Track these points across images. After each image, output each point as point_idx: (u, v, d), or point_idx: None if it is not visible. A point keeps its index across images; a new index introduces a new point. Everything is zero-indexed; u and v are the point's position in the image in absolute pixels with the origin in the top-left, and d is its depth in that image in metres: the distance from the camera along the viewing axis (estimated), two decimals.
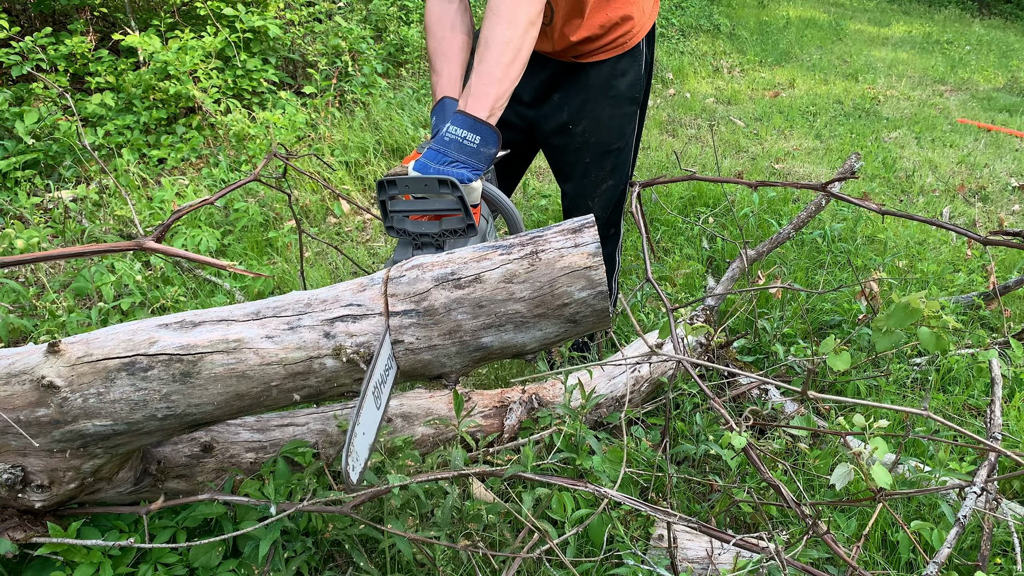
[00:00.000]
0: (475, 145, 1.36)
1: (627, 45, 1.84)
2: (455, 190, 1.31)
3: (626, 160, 2.01)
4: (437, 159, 1.35)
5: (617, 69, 1.86)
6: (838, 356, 1.21)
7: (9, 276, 2.59)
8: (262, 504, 1.45)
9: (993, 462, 1.73)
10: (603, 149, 1.93)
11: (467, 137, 1.36)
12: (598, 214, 2.04)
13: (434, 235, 1.37)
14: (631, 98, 1.91)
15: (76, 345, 1.23)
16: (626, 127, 1.95)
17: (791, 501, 1.28)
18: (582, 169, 1.97)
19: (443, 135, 1.36)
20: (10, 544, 1.33)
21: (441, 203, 1.34)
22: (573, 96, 1.86)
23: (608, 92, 1.86)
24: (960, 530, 1.57)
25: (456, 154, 1.35)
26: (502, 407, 1.94)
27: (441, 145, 1.36)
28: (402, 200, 1.35)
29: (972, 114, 5.97)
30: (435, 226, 1.37)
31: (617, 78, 1.86)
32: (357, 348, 1.17)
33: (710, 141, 4.81)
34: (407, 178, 1.32)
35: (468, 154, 1.36)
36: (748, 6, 9.50)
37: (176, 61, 3.70)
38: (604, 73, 1.84)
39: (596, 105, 1.87)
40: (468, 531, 1.62)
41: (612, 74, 1.85)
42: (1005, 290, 2.57)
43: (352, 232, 3.33)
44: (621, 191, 2.07)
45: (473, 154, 1.36)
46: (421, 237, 1.37)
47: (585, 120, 1.88)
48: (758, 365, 2.38)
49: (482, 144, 1.36)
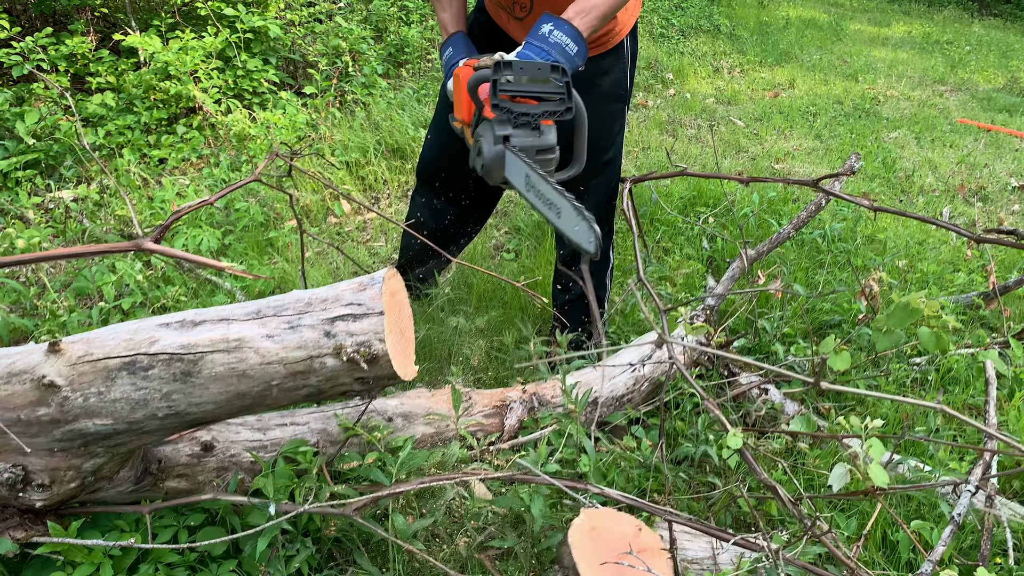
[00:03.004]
0: (572, 53, 1.51)
1: (610, 44, 1.84)
2: (564, 76, 1.43)
3: (614, 157, 2.01)
4: (540, 55, 1.48)
5: (600, 67, 1.86)
6: (838, 356, 1.21)
7: (10, 276, 2.59)
8: (263, 504, 1.45)
9: (989, 461, 1.73)
10: (590, 148, 1.93)
11: (569, 45, 1.50)
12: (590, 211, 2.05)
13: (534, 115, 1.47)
14: (616, 95, 1.91)
15: (77, 344, 1.23)
16: (612, 124, 1.95)
17: (787, 502, 1.28)
18: None
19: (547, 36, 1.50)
20: (11, 543, 1.33)
21: (548, 88, 1.45)
22: None
23: (593, 91, 1.86)
24: (955, 528, 1.57)
25: (558, 56, 1.49)
26: (502, 406, 1.94)
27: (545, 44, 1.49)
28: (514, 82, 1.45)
29: (972, 114, 5.97)
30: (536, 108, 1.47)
31: (601, 76, 1.86)
32: (357, 347, 1.17)
33: (710, 141, 4.81)
34: (521, 62, 1.43)
35: (566, 58, 1.50)
36: (748, 6, 9.50)
37: (177, 61, 3.71)
38: (587, 72, 1.84)
39: None
40: (467, 529, 1.62)
41: (596, 72, 1.85)
42: (1005, 290, 2.57)
43: (353, 232, 3.34)
44: (612, 189, 2.07)
45: (569, 60, 1.50)
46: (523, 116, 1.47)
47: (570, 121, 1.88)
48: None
49: (577, 55, 1.52)
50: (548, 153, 1.50)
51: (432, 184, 2.20)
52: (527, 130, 1.47)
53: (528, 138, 1.47)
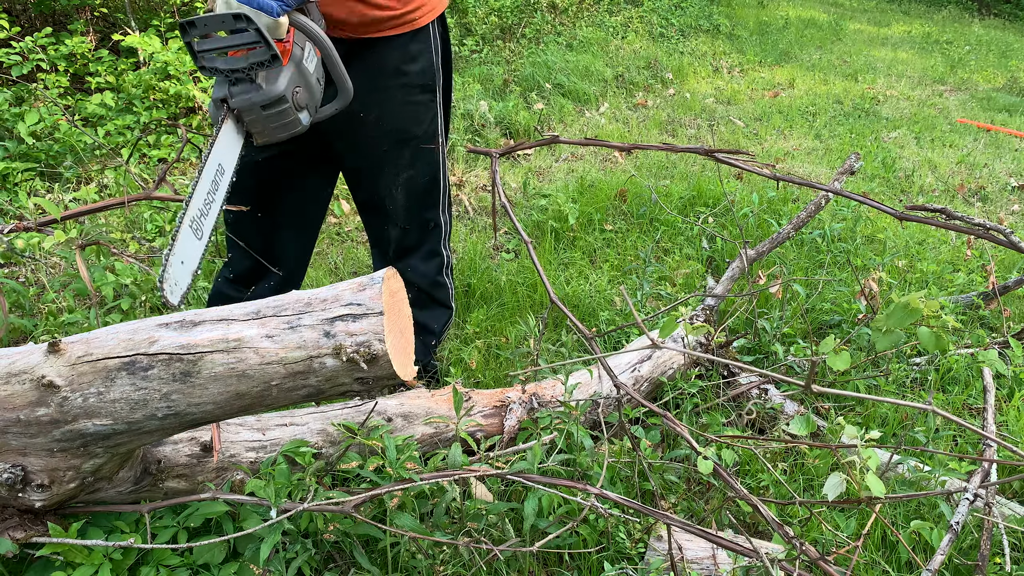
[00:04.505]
0: None
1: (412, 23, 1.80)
2: (250, 23, 1.35)
3: (429, 152, 1.95)
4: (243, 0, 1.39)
5: (408, 53, 1.83)
6: (838, 356, 1.21)
7: (9, 276, 2.59)
8: (263, 506, 1.45)
9: (987, 469, 1.73)
10: (399, 137, 1.89)
11: None
12: (403, 204, 1.99)
13: (243, 69, 1.40)
14: (423, 86, 1.88)
15: (76, 344, 1.23)
16: (422, 115, 1.91)
17: (771, 522, 1.27)
18: (378, 160, 1.92)
19: None
20: (10, 544, 1.33)
21: (243, 38, 1.38)
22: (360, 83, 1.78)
23: (398, 79, 1.83)
24: (954, 536, 1.57)
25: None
26: (502, 407, 1.94)
27: None
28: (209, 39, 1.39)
29: (972, 114, 5.97)
30: (242, 60, 1.41)
31: (408, 62, 1.83)
32: (357, 348, 1.17)
33: (710, 141, 4.81)
34: (203, 17, 1.37)
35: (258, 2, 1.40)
36: (748, 6, 9.50)
37: (176, 61, 3.71)
38: (394, 57, 1.81)
39: (387, 92, 1.84)
40: (468, 530, 1.63)
41: (404, 58, 1.82)
42: (1005, 290, 2.57)
43: (352, 232, 3.34)
44: (428, 182, 2.00)
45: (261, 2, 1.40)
46: (233, 73, 1.40)
47: (376, 108, 1.84)
48: (758, 365, 2.38)
49: None
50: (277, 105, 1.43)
51: None
52: (246, 84, 1.41)
53: (246, 95, 1.41)
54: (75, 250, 1.60)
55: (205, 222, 1.27)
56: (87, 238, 2.62)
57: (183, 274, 1.23)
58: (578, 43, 6.32)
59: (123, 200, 1.64)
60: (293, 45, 1.48)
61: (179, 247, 1.22)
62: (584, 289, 2.84)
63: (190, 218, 1.24)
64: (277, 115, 1.44)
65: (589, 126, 4.90)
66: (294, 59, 1.47)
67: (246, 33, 1.37)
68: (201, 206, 1.27)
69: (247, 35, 1.38)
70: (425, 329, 2.20)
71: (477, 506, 1.64)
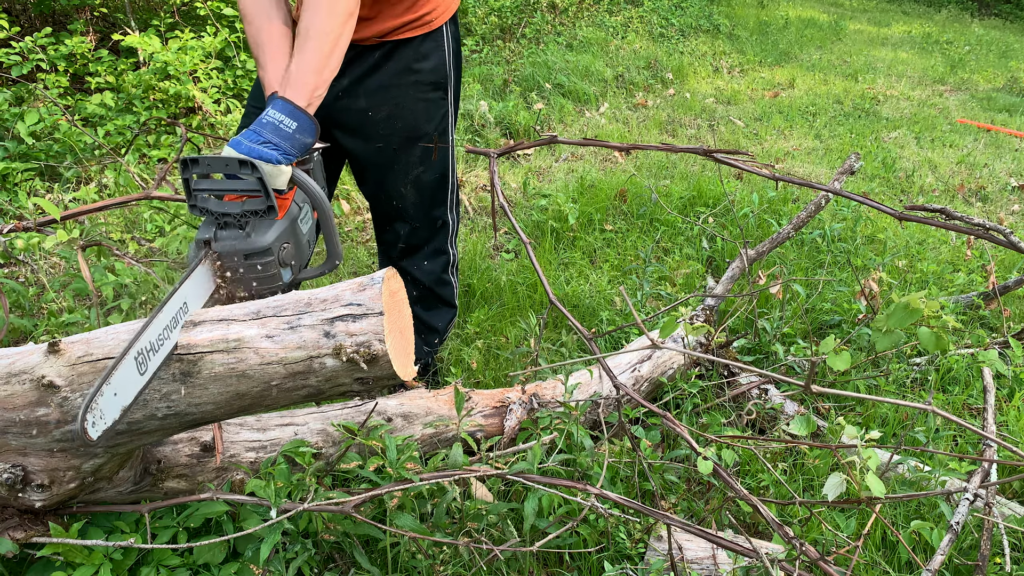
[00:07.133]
0: (291, 131, 1.40)
1: (427, 26, 1.80)
2: (255, 171, 1.33)
3: (439, 149, 1.95)
4: (252, 139, 1.38)
5: (420, 52, 1.82)
6: (838, 356, 1.21)
7: (9, 276, 2.59)
8: (263, 506, 1.45)
9: (987, 469, 1.73)
10: (410, 134, 1.88)
11: (284, 121, 1.40)
12: (413, 202, 1.99)
13: (236, 215, 1.38)
14: (434, 83, 1.87)
15: (76, 345, 1.23)
16: (433, 112, 1.90)
17: (771, 522, 1.27)
18: (388, 158, 1.91)
19: (262, 117, 1.40)
20: (11, 544, 1.33)
21: (243, 184, 1.36)
22: (371, 81, 1.79)
23: (409, 76, 1.82)
24: (954, 536, 1.57)
25: (271, 136, 1.39)
26: (502, 407, 1.94)
27: (259, 127, 1.39)
28: (206, 179, 1.37)
29: (972, 114, 5.97)
30: (237, 206, 1.38)
31: (420, 60, 1.82)
32: (357, 348, 1.17)
33: (710, 141, 4.81)
34: (208, 157, 1.34)
35: (283, 138, 1.39)
36: (748, 6, 9.50)
37: (176, 61, 3.71)
38: (407, 56, 1.80)
39: (399, 90, 1.83)
40: (468, 530, 1.62)
41: (416, 56, 1.81)
42: (1005, 290, 2.57)
43: (352, 232, 3.34)
44: (437, 180, 2.00)
45: (288, 139, 1.40)
46: (224, 217, 1.38)
47: (387, 106, 1.83)
48: (758, 365, 2.38)
49: (298, 131, 1.41)
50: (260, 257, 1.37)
51: None
52: (233, 231, 1.36)
53: (232, 240, 1.35)
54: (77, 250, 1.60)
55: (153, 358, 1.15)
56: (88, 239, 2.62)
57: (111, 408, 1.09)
58: (578, 43, 6.32)
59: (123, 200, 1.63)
60: (292, 203, 1.45)
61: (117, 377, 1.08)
62: (584, 289, 2.84)
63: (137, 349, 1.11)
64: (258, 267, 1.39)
65: (589, 126, 4.90)
66: (290, 215, 1.44)
67: (247, 180, 1.35)
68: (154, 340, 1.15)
69: (248, 182, 1.36)
70: (430, 328, 2.20)
71: (477, 506, 1.64)
